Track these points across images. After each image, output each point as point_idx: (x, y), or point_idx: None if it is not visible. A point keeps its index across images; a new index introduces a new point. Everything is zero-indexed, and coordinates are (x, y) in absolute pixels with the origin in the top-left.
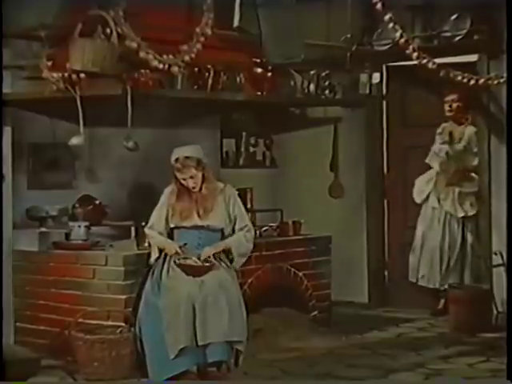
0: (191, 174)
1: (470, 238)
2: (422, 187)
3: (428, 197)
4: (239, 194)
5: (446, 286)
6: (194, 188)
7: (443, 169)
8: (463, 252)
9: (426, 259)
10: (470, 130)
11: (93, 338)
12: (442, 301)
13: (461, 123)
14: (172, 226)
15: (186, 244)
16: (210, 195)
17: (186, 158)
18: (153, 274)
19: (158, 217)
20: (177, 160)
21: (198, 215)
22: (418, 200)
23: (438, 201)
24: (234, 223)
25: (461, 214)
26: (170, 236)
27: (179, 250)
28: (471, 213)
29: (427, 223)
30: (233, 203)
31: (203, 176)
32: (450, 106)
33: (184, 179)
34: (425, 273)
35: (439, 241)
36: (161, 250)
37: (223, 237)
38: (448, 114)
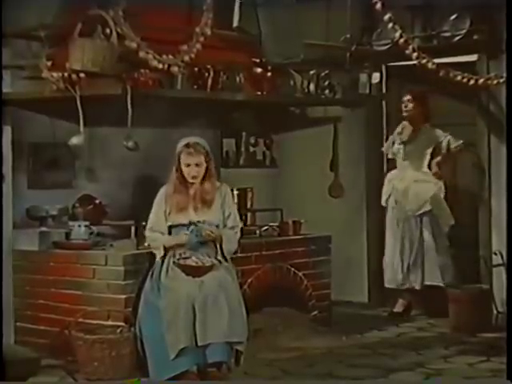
0: (200, 160)
1: (427, 234)
2: (385, 188)
3: (389, 197)
4: (239, 194)
5: (407, 286)
6: (194, 178)
7: (400, 169)
8: (422, 250)
9: (386, 259)
10: (424, 130)
11: (93, 338)
12: (401, 301)
13: (417, 124)
14: (169, 223)
15: (191, 231)
16: (211, 190)
17: (197, 144)
18: (152, 274)
19: (157, 217)
20: (187, 145)
21: (194, 210)
22: (382, 202)
23: (395, 201)
24: (227, 220)
25: (418, 212)
26: (169, 235)
27: (188, 233)
28: (427, 209)
29: (389, 223)
30: (228, 201)
31: (207, 169)
32: (406, 106)
33: (189, 165)
34: (386, 273)
35: (399, 240)
36: (165, 249)
37: None
38: (404, 114)
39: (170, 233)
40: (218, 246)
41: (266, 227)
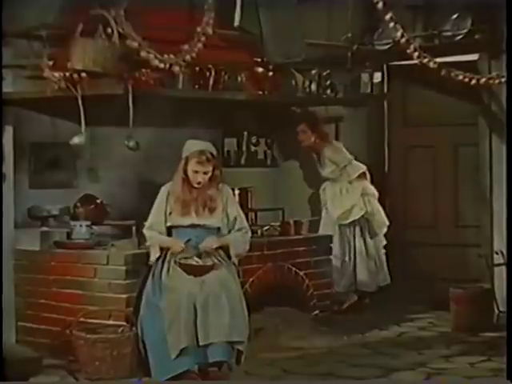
0: (209, 169)
1: (357, 242)
2: (321, 195)
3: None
4: (240, 194)
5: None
6: (199, 184)
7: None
8: (354, 255)
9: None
10: (326, 152)
11: (94, 338)
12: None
13: (318, 150)
14: (169, 224)
15: (189, 240)
16: (215, 197)
17: (209, 152)
18: (153, 274)
19: (157, 216)
20: (201, 153)
21: (196, 213)
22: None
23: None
24: (234, 223)
25: (346, 221)
26: (168, 235)
27: (183, 247)
28: (354, 218)
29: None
30: (230, 203)
31: (212, 175)
32: (301, 137)
33: (197, 172)
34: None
35: (343, 245)
36: (162, 249)
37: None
38: (303, 144)
39: (169, 233)
40: (225, 249)
41: (267, 227)
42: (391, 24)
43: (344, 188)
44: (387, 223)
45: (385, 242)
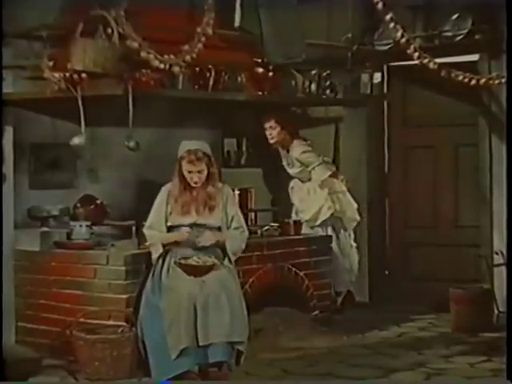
0: (202, 168)
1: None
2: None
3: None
4: (240, 194)
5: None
6: (196, 183)
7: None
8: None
9: None
10: (294, 152)
11: (94, 338)
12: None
13: (286, 146)
14: (170, 224)
15: (192, 228)
16: (215, 195)
17: (200, 151)
18: (153, 274)
19: (157, 216)
20: (190, 152)
21: (196, 212)
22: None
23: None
24: (231, 222)
25: (316, 224)
26: None
27: (189, 231)
28: (324, 218)
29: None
30: (230, 203)
31: (208, 173)
32: (270, 134)
33: (191, 172)
34: None
35: None
36: (164, 247)
37: None
38: (271, 141)
39: (169, 232)
40: (222, 248)
41: (267, 227)
42: (391, 24)
43: (311, 189)
44: (358, 219)
45: (353, 236)
